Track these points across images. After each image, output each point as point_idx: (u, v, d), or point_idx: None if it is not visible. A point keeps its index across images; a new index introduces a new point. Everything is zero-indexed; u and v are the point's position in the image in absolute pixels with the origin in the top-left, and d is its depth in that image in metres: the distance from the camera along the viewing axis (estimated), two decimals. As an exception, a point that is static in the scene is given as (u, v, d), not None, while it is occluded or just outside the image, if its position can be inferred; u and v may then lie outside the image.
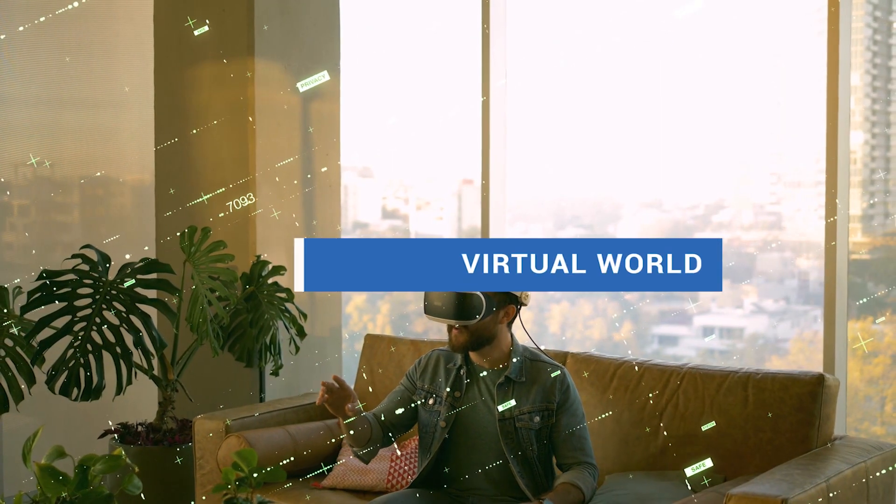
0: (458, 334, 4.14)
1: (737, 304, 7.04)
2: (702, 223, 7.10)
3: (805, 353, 6.61)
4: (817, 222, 6.59)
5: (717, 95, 6.23)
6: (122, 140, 6.65)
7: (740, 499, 3.85)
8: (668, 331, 7.19)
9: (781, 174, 6.71)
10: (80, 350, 5.15)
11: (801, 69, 5.99)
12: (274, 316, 5.63)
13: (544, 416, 4.18)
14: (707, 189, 6.98)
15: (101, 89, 6.63)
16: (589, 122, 6.58)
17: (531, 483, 4.20)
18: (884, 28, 5.79)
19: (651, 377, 4.82)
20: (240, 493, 3.34)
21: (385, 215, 7.60)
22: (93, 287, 5.24)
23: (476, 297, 4.05)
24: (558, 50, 6.40)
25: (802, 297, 6.70)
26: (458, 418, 4.21)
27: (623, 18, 6.36)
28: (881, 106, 5.85)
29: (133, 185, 6.81)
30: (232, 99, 5.93)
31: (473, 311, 4.05)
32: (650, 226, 7.26)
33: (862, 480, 4.27)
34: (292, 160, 6.04)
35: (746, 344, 7.09)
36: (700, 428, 4.60)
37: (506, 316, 4.18)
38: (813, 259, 6.59)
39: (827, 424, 4.51)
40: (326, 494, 4.87)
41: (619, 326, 7.18)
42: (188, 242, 5.44)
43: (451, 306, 4.06)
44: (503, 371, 4.23)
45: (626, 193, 7.17)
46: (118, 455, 3.31)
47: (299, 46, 6.05)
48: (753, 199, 6.88)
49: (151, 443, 5.40)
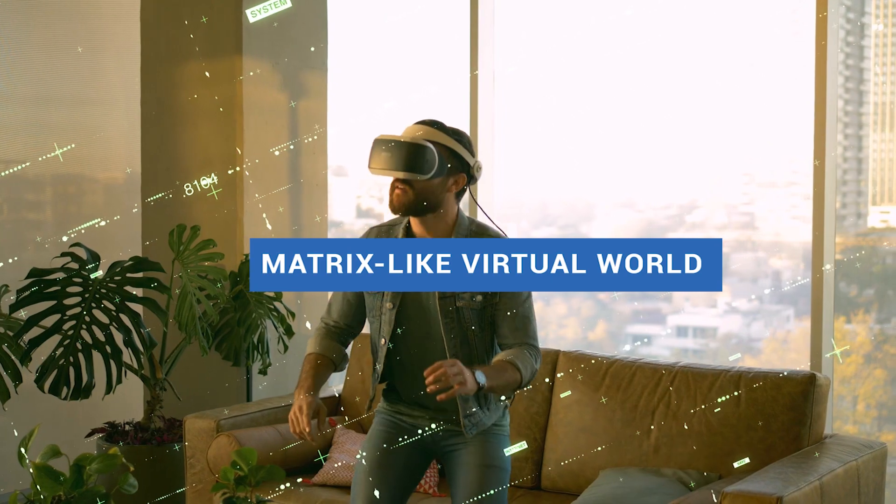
0: (401, 193, 3.71)
1: (710, 303, 7.10)
2: (675, 223, 7.15)
3: (778, 352, 6.68)
4: (790, 222, 6.67)
5: (690, 96, 6.27)
6: (108, 138, 6.62)
7: (735, 497, 3.90)
8: (642, 330, 7.23)
9: (754, 174, 6.77)
10: (70, 349, 5.13)
11: (774, 70, 6.04)
12: (262, 315, 5.62)
13: (487, 294, 3.77)
14: (680, 189, 7.01)
15: (88, 87, 6.60)
16: (563, 123, 6.61)
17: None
18: (856, 30, 5.85)
19: (643, 376, 4.86)
20: (238, 492, 3.33)
21: (360, 214, 7.60)
22: (82, 286, 5.22)
23: (430, 151, 3.67)
24: (536, 51, 6.42)
25: (775, 297, 6.76)
26: (405, 301, 3.82)
27: (600, 22, 6.40)
28: (853, 107, 5.92)
29: (112, 183, 6.78)
30: (219, 97, 5.92)
31: (426, 165, 3.66)
32: (624, 226, 7.31)
33: (854, 479, 4.33)
34: (280, 159, 6.04)
35: (720, 343, 7.15)
36: (692, 425, 4.65)
37: (455, 184, 3.77)
38: (786, 259, 6.66)
39: (818, 423, 4.58)
40: (317, 491, 4.89)
41: (593, 326, 7.22)
42: (177, 241, 5.42)
43: (401, 158, 3.65)
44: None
45: (600, 193, 7.20)
46: (114, 454, 3.30)
47: (287, 45, 6.05)
48: (726, 200, 6.93)
49: (139, 442, 5.38)
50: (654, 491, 4.40)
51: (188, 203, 6.02)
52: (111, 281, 5.26)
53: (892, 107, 6.00)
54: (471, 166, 3.79)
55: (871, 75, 6.04)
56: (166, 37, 6.10)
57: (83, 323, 5.18)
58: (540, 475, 5.00)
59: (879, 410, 6.04)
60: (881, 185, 6.08)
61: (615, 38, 6.35)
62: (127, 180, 6.70)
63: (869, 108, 5.98)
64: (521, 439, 5.00)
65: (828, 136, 5.00)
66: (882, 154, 6.05)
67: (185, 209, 6.01)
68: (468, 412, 3.77)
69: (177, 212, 6.03)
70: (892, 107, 5.99)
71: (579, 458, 4.86)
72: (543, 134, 6.56)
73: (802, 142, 6.11)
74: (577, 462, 4.87)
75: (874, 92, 6.03)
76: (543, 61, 6.50)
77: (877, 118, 6.00)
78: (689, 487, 4.46)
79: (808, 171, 6.36)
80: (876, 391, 6.04)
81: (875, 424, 5.87)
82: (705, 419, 4.66)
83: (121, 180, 6.68)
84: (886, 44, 6.04)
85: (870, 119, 6.00)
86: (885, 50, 6.05)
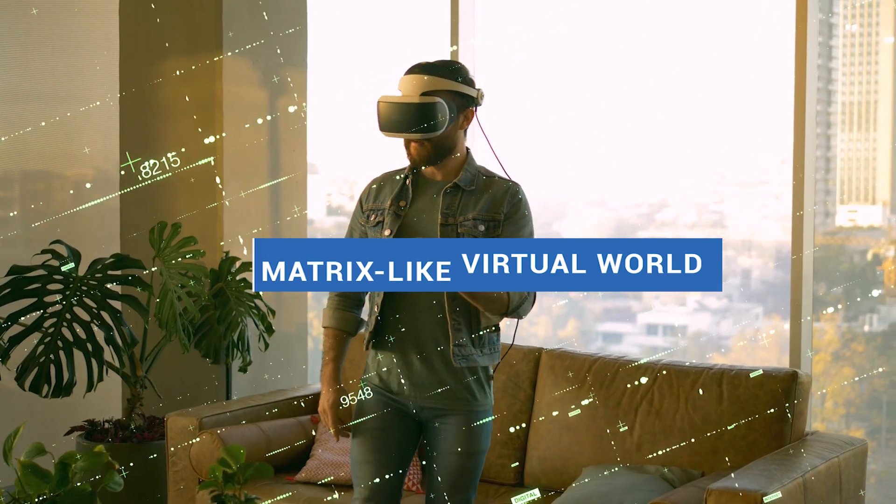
0: (419, 147, 3.74)
1: (680, 301, 7.14)
2: (645, 221, 7.19)
3: (747, 350, 6.73)
4: (760, 221, 6.72)
5: (661, 95, 6.30)
6: (86, 134, 6.57)
7: (721, 493, 3.93)
8: (613, 328, 7.27)
9: (725, 173, 6.82)
10: (51, 346, 5.10)
11: (746, 70, 6.08)
12: (242, 312, 5.61)
13: (490, 226, 3.76)
14: (651, 188, 7.05)
15: (66, 83, 6.55)
16: (535, 122, 6.63)
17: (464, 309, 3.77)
18: (825, 30, 5.90)
19: (626, 373, 4.89)
20: (227, 489, 3.33)
21: (330, 212, 7.59)
22: (63, 283, 5.19)
23: (440, 105, 3.66)
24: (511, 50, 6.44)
25: (744, 295, 6.81)
26: (403, 229, 3.79)
27: (573, 22, 6.43)
28: (822, 107, 5.97)
29: (87, 179, 6.74)
30: (199, 94, 5.91)
31: (439, 122, 3.66)
32: (595, 224, 7.34)
33: (835, 475, 4.37)
34: (259, 156, 6.03)
35: (689, 341, 7.20)
36: (675, 423, 4.69)
37: (465, 120, 3.80)
38: (755, 258, 6.72)
39: (800, 420, 4.62)
40: (300, 488, 4.89)
41: (563, 324, 7.25)
42: (158, 238, 5.40)
43: (415, 118, 3.65)
44: (453, 180, 3.84)
45: (571, 191, 7.23)
46: (100, 452, 3.28)
47: (267, 40, 6.04)
48: (697, 198, 6.97)
49: (120, 440, 5.35)
50: (637, 488, 4.43)
51: (168, 199, 6.00)
52: (92, 278, 5.24)
53: (859, 106, 6.06)
54: (475, 98, 3.81)
55: (839, 75, 6.10)
56: (145, 33, 6.07)
57: (64, 320, 5.15)
58: (523, 472, 5.01)
59: (847, 408, 6.10)
60: (849, 184, 6.14)
61: (587, 39, 6.38)
62: (104, 176, 6.66)
63: (837, 107, 6.04)
64: (504, 436, 5.03)
65: (807, 136, 5.05)
66: (850, 153, 6.11)
67: (165, 205, 5.99)
68: (458, 342, 3.74)
69: (156, 208, 6.01)
70: (860, 106, 6.05)
71: (562, 455, 4.89)
72: (516, 132, 6.58)
73: (773, 141, 6.17)
74: (560, 459, 4.89)
75: (842, 92, 6.08)
76: (517, 60, 6.52)
77: (845, 118, 6.06)
78: (672, 484, 4.49)
79: (779, 170, 6.42)
80: (844, 389, 6.10)
81: (843, 422, 5.92)
82: (688, 416, 4.69)
83: (98, 176, 6.63)
84: (854, 44, 6.11)
85: (838, 119, 6.05)
86: (853, 50, 6.11)
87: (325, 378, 3.91)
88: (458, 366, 3.74)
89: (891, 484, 5.83)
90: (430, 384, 3.80)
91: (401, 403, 3.85)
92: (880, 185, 6.12)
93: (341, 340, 3.93)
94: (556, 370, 5.01)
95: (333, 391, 3.89)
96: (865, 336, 6.14)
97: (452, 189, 3.79)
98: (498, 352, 3.87)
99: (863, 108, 6.07)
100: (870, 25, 6.07)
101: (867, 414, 5.99)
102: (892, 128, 6.05)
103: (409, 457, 3.91)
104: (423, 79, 3.70)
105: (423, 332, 3.75)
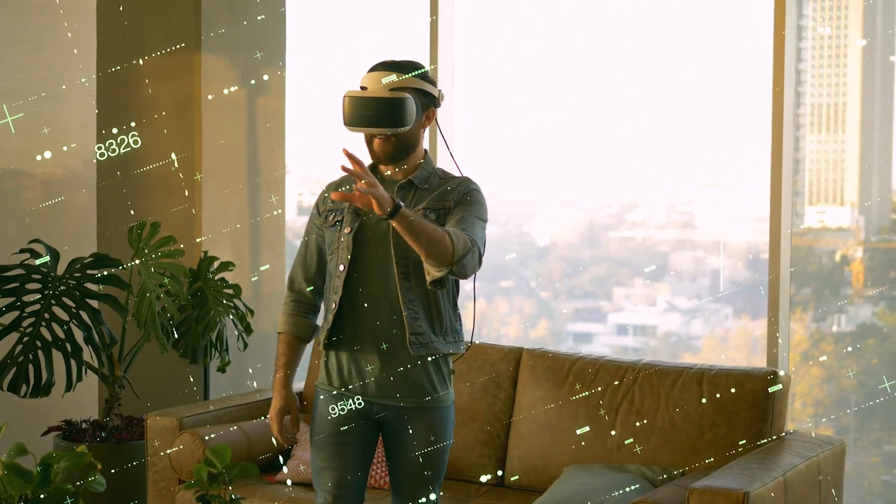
0: (383, 144, 3.70)
1: (650, 302, 7.19)
2: (616, 222, 7.23)
3: (716, 350, 6.79)
4: (731, 221, 6.77)
5: (630, 95, 6.33)
6: (61, 133, 6.52)
7: (703, 492, 3.96)
8: (583, 328, 7.30)
9: (696, 174, 6.86)
10: (29, 346, 5.07)
11: (715, 70, 6.12)
12: (221, 312, 5.59)
13: (440, 213, 3.72)
14: (621, 188, 7.09)
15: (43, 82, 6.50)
16: (507, 123, 6.65)
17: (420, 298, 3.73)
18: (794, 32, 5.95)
19: (606, 373, 4.91)
20: (212, 489, 3.32)
21: (301, 212, 7.59)
22: (41, 282, 5.16)
23: (409, 100, 3.62)
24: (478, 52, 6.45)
25: (714, 295, 6.86)
26: (363, 227, 3.73)
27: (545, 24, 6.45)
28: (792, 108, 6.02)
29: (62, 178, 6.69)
30: (177, 93, 5.89)
31: (408, 116, 3.62)
32: (566, 224, 7.38)
33: (815, 474, 4.42)
34: (237, 155, 6.02)
35: (659, 342, 7.25)
36: (656, 422, 4.72)
37: (427, 119, 3.76)
38: (725, 258, 6.76)
39: (779, 419, 4.67)
40: (280, 488, 4.90)
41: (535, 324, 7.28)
42: (136, 237, 5.38)
43: (383, 112, 3.59)
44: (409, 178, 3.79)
45: (543, 192, 7.26)
46: (82, 452, 3.27)
47: (246, 40, 6.03)
48: (667, 199, 7.01)
49: (97, 440, 5.33)
50: (618, 487, 4.45)
51: (145, 199, 5.98)
52: (71, 277, 5.21)
53: (828, 108, 6.11)
54: (436, 97, 3.78)
55: (808, 77, 6.15)
56: (123, 32, 6.04)
57: (42, 320, 5.12)
58: (504, 472, 5.03)
59: (816, 408, 6.16)
60: (818, 185, 6.20)
61: (559, 41, 6.40)
62: (82, 175, 6.61)
63: (806, 109, 6.09)
64: (483, 436, 5.04)
65: (785, 138, 5.09)
66: (818, 155, 6.17)
67: (142, 205, 5.97)
68: (416, 330, 3.70)
69: (133, 208, 5.98)
70: (829, 108, 6.11)
71: (543, 455, 4.91)
72: (487, 133, 6.59)
73: (744, 142, 6.22)
74: (541, 459, 4.91)
75: (811, 94, 6.14)
76: (491, 63, 6.54)
77: (813, 119, 6.11)
78: (653, 484, 4.52)
79: (749, 171, 6.46)
80: (812, 389, 6.16)
81: (812, 422, 5.97)
82: (668, 416, 4.73)
83: (75, 175, 6.58)
84: (824, 46, 6.16)
85: (807, 120, 6.10)
86: (822, 52, 6.17)
87: (275, 385, 3.90)
88: (416, 353, 3.69)
89: (859, 483, 5.89)
90: (389, 377, 3.75)
91: (360, 403, 3.81)
92: (849, 186, 6.18)
93: (295, 346, 3.92)
94: (537, 370, 5.03)
95: (281, 399, 3.86)
96: (834, 336, 6.19)
97: (406, 185, 3.76)
98: (461, 342, 3.84)
99: (831, 111, 6.13)
100: (839, 28, 6.13)
101: (836, 414, 6.04)
102: (860, 130, 6.11)
103: (369, 458, 3.88)
104: (389, 74, 3.68)
105: (381, 324, 3.71)
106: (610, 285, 7.21)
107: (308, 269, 3.90)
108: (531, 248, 7.34)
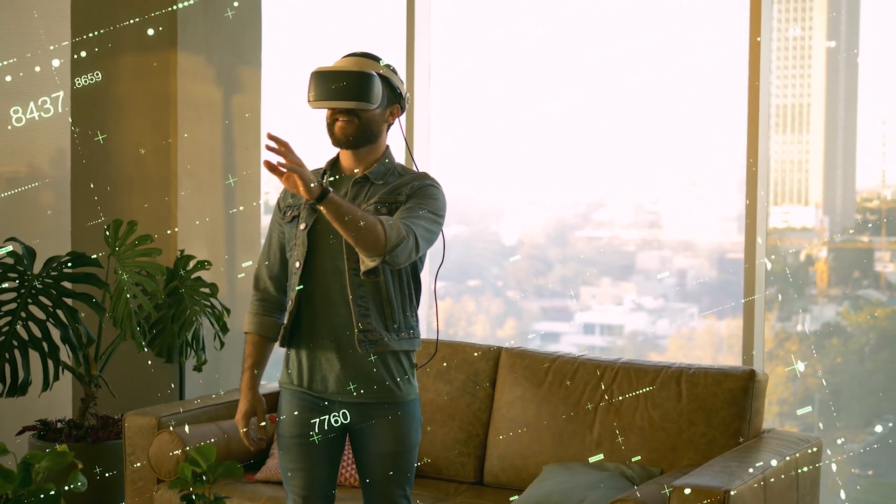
0: (345, 124, 3.66)
1: (617, 301, 7.21)
2: (582, 221, 7.25)
3: (683, 349, 6.83)
4: (697, 221, 6.82)
5: (597, 95, 6.35)
6: (35, 132, 6.47)
7: (684, 490, 3.98)
8: (550, 328, 7.32)
9: (662, 173, 6.90)
10: (6, 345, 5.03)
11: (682, 70, 6.16)
12: (197, 311, 5.57)
13: (392, 208, 3.68)
14: (588, 187, 7.11)
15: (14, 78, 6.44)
16: (474, 122, 6.66)
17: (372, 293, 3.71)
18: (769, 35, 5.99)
19: (585, 371, 4.94)
20: (196, 489, 3.32)
21: (268, 210, 7.57)
22: (18, 281, 5.13)
23: (376, 80, 3.61)
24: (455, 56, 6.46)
25: (680, 294, 6.90)
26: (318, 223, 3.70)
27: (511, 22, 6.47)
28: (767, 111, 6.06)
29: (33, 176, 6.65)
30: (153, 91, 5.87)
31: (373, 94, 3.61)
32: (533, 224, 7.40)
33: (791, 473, 4.46)
34: (213, 154, 6.01)
35: (626, 341, 7.28)
36: (634, 420, 4.76)
37: (391, 115, 3.75)
38: (691, 258, 6.81)
39: (757, 418, 4.71)
40: (260, 487, 4.90)
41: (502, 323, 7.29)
42: (113, 236, 5.35)
43: (350, 88, 3.57)
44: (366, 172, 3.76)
45: (509, 191, 7.27)
46: (63, 451, 3.26)
47: (222, 39, 6.02)
48: (633, 198, 7.04)
49: (73, 440, 5.30)
50: (597, 485, 4.48)
51: (121, 197, 5.96)
52: (48, 276, 5.18)
53: (793, 109, 6.16)
54: (402, 97, 3.78)
55: (773, 78, 6.20)
56: (98, 29, 6.00)
57: (19, 319, 5.08)
58: (482, 471, 5.05)
59: (780, 406, 6.21)
60: (782, 185, 6.24)
61: (525, 40, 6.42)
62: (56, 174, 6.57)
63: (771, 109, 6.14)
64: (463, 434, 5.06)
65: (760, 137, 5.14)
66: (783, 155, 6.21)
67: (118, 203, 5.95)
68: (364, 327, 3.68)
69: (109, 206, 5.96)
70: (794, 109, 6.16)
71: (522, 453, 4.93)
72: (456, 133, 6.60)
73: (711, 141, 6.26)
74: (520, 457, 4.93)
75: (776, 94, 6.18)
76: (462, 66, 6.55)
77: (778, 120, 6.16)
78: (632, 482, 4.55)
79: (716, 171, 6.50)
80: (777, 388, 6.21)
81: (777, 421, 6.02)
82: (647, 414, 4.76)
83: (49, 173, 6.54)
84: (788, 47, 6.21)
85: (771, 121, 6.15)
86: (787, 53, 6.21)
87: (241, 386, 3.89)
88: (363, 351, 3.67)
89: (824, 482, 5.95)
90: (349, 376, 3.74)
91: (324, 401, 3.79)
92: (813, 186, 6.23)
93: (261, 346, 3.90)
94: (516, 368, 5.05)
95: (247, 401, 3.86)
96: (798, 335, 6.25)
97: (361, 180, 3.74)
98: (418, 338, 3.82)
99: (796, 111, 6.18)
100: (803, 30, 6.18)
101: (800, 412, 6.09)
102: (824, 130, 6.16)
103: (337, 456, 3.87)
104: (360, 59, 3.70)
105: (336, 321, 3.70)
106: (577, 284, 7.24)
107: (272, 266, 3.89)
108: (498, 246, 7.36)
